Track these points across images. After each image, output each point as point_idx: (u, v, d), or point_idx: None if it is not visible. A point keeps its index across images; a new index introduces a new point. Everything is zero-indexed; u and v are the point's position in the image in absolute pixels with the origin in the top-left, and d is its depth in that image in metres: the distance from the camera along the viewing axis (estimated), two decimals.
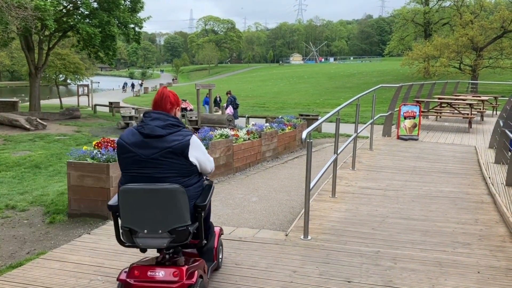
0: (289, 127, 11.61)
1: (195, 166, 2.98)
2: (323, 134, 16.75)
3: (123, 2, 24.32)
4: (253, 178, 8.21)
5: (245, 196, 6.70)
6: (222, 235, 3.85)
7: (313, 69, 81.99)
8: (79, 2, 24.00)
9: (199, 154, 2.99)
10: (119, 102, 31.63)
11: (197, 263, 3.06)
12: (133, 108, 22.70)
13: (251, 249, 4.24)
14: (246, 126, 10.68)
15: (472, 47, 37.83)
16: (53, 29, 22.06)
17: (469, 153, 9.43)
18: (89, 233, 4.75)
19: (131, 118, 19.93)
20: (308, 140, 4.31)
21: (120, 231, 2.96)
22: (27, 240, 4.82)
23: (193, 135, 2.99)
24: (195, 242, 3.09)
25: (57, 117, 22.36)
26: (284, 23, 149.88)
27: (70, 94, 48.97)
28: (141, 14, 26.17)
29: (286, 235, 4.61)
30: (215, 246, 3.54)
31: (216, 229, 3.67)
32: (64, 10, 24.23)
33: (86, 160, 5.42)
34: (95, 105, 30.01)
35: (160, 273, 2.85)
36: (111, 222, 5.15)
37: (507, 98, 10.83)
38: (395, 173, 7.40)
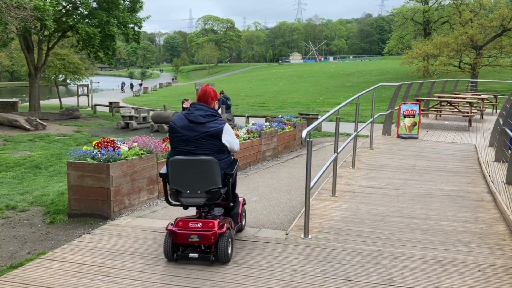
0: (289, 126, 11.60)
1: (226, 146, 3.90)
2: (323, 133, 16.75)
3: (122, 2, 24.31)
4: (253, 178, 8.21)
5: (245, 196, 6.69)
6: (245, 205, 4.76)
7: (312, 68, 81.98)
8: (78, 2, 23.99)
9: (229, 138, 3.93)
10: (118, 102, 31.62)
11: (226, 219, 3.97)
12: (132, 108, 22.69)
13: (251, 248, 4.24)
14: (246, 126, 10.68)
15: (471, 46, 37.81)
16: (53, 29, 22.07)
17: (469, 151, 9.43)
18: (90, 233, 4.75)
19: (130, 118, 19.90)
20: (308, 140, 4.31)
21: (169, 192, 3.93)
22: (27, 240, 4.82)
23: (226, 123, 3.91)
24: (224, 203, 4.00)
25: (57, 117, 22.36)
26: (284, 22, 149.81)
27: (69, 94, 48.97)
28: (141, 14, 26.18)
29: (287, 234, 4.61)
30: (240, 212, 4.45)
31: (241, 199, 4.54)
32: (63, 10, 24.22)
33: (86, 160, 5.42)
34: (95, 105, 30.00)
35: (199, 224, 3.76)
36: (112, 222, 5.19)
37: (507, 97, 10.82)
38: (395, 172, 7.39)
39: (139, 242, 4.43)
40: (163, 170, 3.89)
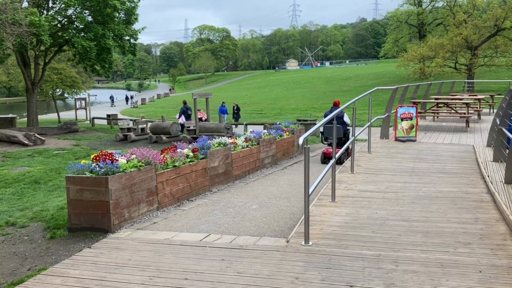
0: (287, 133, 11.62)
1: (345, 121, 10.74)
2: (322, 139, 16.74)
3: (117, 14, 24.41)
4: (252, 186, 8.21)
5: (245, 204, 6.70)
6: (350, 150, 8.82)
7: (309, 74, 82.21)
8: (73, 16, 24.10)
9: (346, 119, 10.80)
10: (116, 115, 31.65)
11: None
12: (130, 120, 22.71)
13: (252, 257, 4.24)
14: (244, 134, 10.69)
15: (466, 46, 38.00)
16: (49, 44, 22.12)
17: (467, 152, 9.45)
18: (90, 247, 4.75)
19: (129, 130, 19.91)
20: (305, 146, 4.32)
21: (323, 138, 11.39)
22: (28, 257, 4.81)
23: (345, 113, 10.61)
24: (343, 143, 9.82)
25: (55, 132, 22.37)
26: (279, 29, 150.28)
27: (67, 108, 49.04)
28: (136, 26, 26.28)
29: (287, 242, 4.60)
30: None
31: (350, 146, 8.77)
32: (59, 24, 24.31)
33: (85, 174, 5.42)
34: (93, 118, 30.02)
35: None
36: (112, 235, 5.19)
37: (503, 96, 10.85)
38: (394, 175, 7.40)
39: (140, 254, 4.42)
40: (321, 129, 11.00)
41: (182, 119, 20.68)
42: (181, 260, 4.24)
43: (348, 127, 10.63)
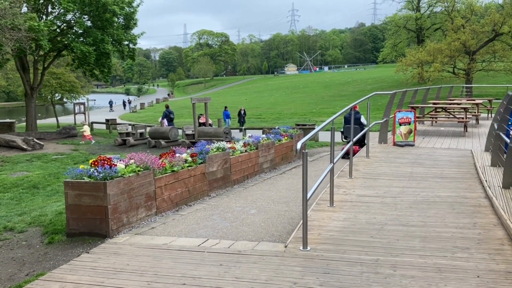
0: (286, 138, 11.64)
1: (362, 122, 12.52)
2: (321, 143, 16.79)
3: (116, 19, 24.50)
4: (251, 190, 8.21)
5: (244, 209, 6.70)
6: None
7: (308, 79, 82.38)
8: (73, 21, 24.16)
9: (363, 120, 12.58)
10: (115, 119, 31.67)
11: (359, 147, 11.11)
12: (129, 125, 22.73)
13: (250, 262, 4.24)
14: (243, 138, 10.70)
15: (465, 51, 38.11)
16: (48, 49, 22.18)
17: (465, 157, 9.46)
18: (88, 252, 4.74)
19: (128, 134, 19.92)
20: (303, 151, 4.33)
21: (343, 137, 13.77)
22: (26, 262, 4.80)
23: (362, 115, 12.80)
24: (360, 141, 11.47)
25: (54, 136, 22.37)
26: (278, 34, 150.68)
27: (66, 113, 49.06)
28: (135, 31, 26.40)
29: (286, 247, 4.60)
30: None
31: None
32: (58, 29, 24.38)
33: (83, 179, 5.43)
34: (92, 122, 30.03)
35: (354, 147, 9.27)
36: (110, 240, 5.19)
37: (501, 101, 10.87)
38: (392, 180, 7.41)
39: (138, 259, 4.42)
40: (342, 129, 13.51)
41: (165, 123, 21.27)
42: (179, 265, 4.24)
43: (365, 128, 11.90)
